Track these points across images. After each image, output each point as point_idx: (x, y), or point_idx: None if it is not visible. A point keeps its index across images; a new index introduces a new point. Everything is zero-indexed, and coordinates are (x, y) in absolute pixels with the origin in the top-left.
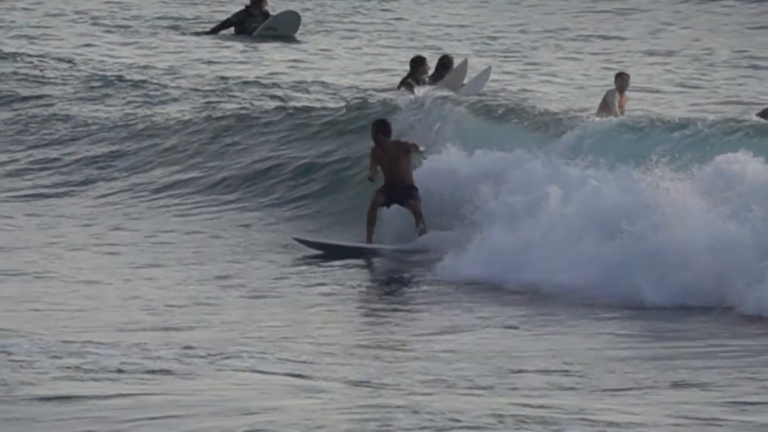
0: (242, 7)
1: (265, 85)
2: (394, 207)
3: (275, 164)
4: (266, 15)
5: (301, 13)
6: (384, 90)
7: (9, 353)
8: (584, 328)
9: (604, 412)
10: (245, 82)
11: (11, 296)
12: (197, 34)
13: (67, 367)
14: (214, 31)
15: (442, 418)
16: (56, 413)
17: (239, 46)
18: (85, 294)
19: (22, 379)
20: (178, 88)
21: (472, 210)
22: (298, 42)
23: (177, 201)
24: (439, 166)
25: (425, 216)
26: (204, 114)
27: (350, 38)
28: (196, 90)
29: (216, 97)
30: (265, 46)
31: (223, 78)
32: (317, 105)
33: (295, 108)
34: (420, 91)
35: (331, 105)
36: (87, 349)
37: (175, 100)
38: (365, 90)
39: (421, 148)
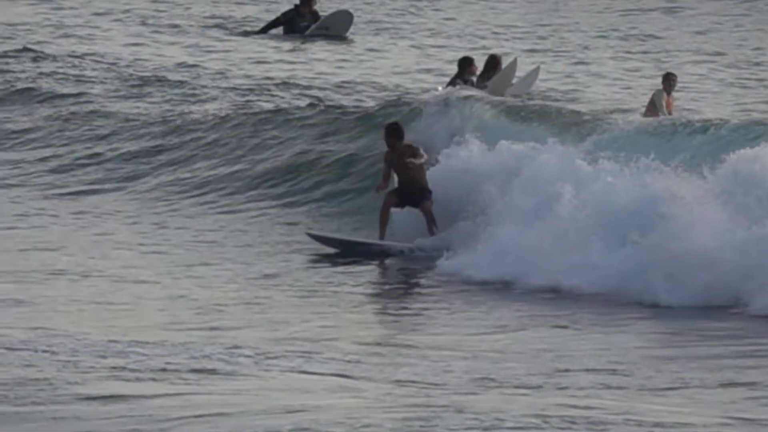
0: (291, 6)
1: (311, 84)
2: (407, 208)
3: (316, 159)
4: (315, 14)
5: (353, 13)
6: (429, 91)
7: (54, 352)
8: (630, 327)
9: (650, 412)
10: (291, 82)
11: (57, 295)
12: (246, 33)
13: (113, 367)
14: (263, 31)
15: (486, 418)
16: (101, 412)
17: (288, 45)
18: (130, 293)
19: (67, 378)
20: (221, 87)
21: (482, 209)
22: (348, 41)
23: (220, 197)
24: (457, 165)
25: (437, 217)
26: (246, 111)
27: (400, 38)
28: (240, 89)
29: (257, 95)
30: (314, 46)
31: (268, 77)
32: (359, 103)
33: (334, 105)
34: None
35: (371, 104)
36: (132, 348)
37: (215, 98)
38: (411, 90)
39: (421, 160)
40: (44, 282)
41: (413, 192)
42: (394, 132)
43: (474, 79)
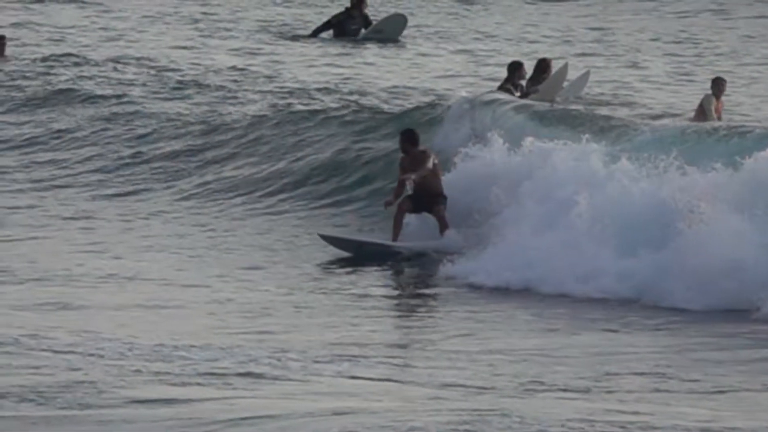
0: (342, 9)
1: (358, 88)
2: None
3: (356, 157)
4: (365, 17)
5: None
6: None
7: (101, 356)
8: (678, 331)
9: (698, 417)
10: (337, 85)
11: (105, 299)
12: (296, 37)
13: (160, 370)
14: (314, 34)
15: (532, 422)
16: (148, 416)
17: (337, 48)
18: (178, 296)
19: (113, 381)
20: (264, 90)
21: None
22: (399, 45)
23: (265, 197)
24: (476, 165)
25: (452, 220)
26: (286, 111)
27: (450, 42)
28: (283, 91)
29: (297, 98)
30: (363, 49)
31: (315, 80)
32: (402, 106)
33: (373, 107)
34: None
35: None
36: (180, 352)
37: (257, 100)
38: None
39: (413, 176)
40: (92, 285)
41: (428, 198)
42: (407, 138)
43: (523, 83)
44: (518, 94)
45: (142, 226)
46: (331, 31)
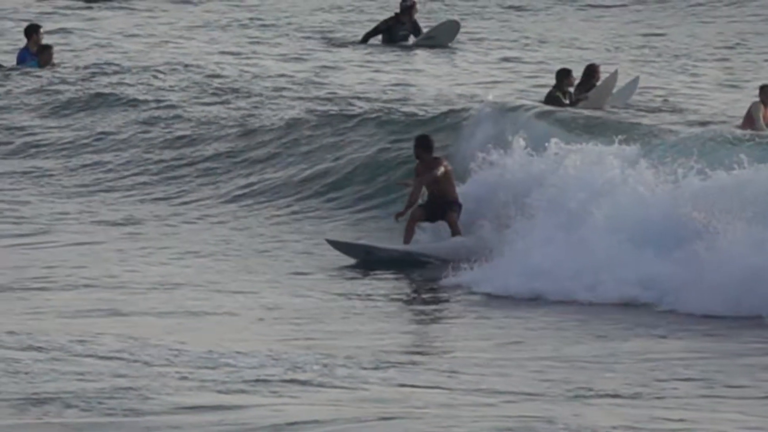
0: (391, 14)
1: (402, 94)
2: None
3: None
4: (414, 23)
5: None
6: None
7: (147, 363)
8: (723, 337)
9: (746, 423)
10: (379, 90)
11: (152, 305)
12: (344, 43)
13: (206, 377)
14: (364, 40)
15: (577, 428)
16: (194, 422)
17: (386, 54)
18: (225, 303)
19: (159, 388)
20: (304, 96)
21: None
22: (447, 51)
23: (307, 200)
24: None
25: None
26: (327, 115)
27: (500, 48)
28: (322, 97)
29: (336, 104)
30: (411, 55)
31: (358, 85)
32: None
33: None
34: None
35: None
36: (226, 358)
37: (296, 106)
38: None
39: (408, 181)
40: (140, 291)
41: (441, 205)
42: (420, 144)
43: (572, 90)
44: (567, 101)
45: (187, 230)
46: (379, 37)
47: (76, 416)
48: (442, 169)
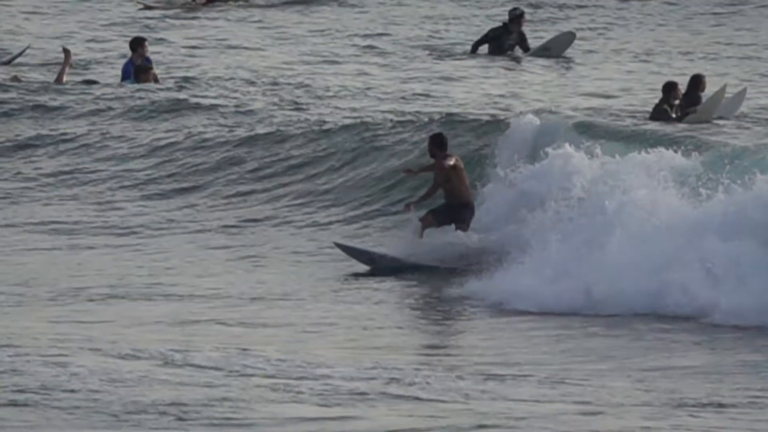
0: (500, 24)
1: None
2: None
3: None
4: (522, 34)
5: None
6: (633, 113)
7: (244, 373)
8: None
9: None
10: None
11: (251, 316)
12: (452, 54)
13: (302, 389)
14: (473, 49)
15: None
16: None
17: (493, 64)
18: (315, 314)
19: (254, 399)
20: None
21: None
22: (559, 61)
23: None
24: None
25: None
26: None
27: (610, 59)
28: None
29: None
30: (518, 65)
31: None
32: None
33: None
34: None
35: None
36: (322, 369)
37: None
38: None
39: (413, 168)
40: (241, 302)
41: (453, 206)
42: (434, 142)
43: (678, 102)
44: (674, 114)
45: (282, 237)
46: (486, 47)
47: (171, 425)
48: (453, 161)
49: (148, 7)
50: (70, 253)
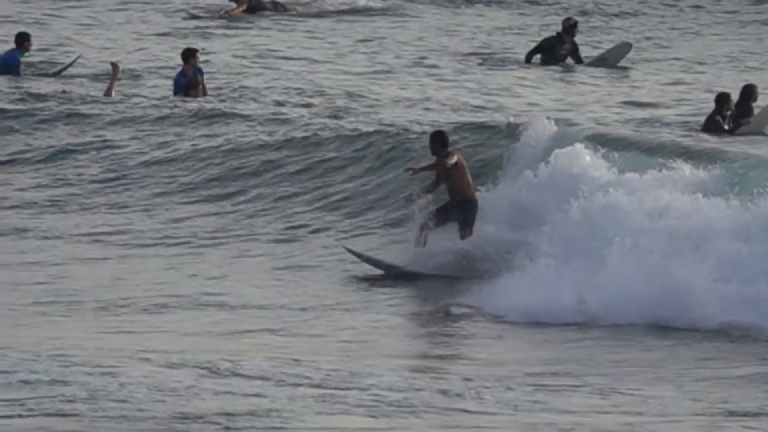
0: (553, 33)
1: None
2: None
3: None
4: (574, 44)
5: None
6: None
7: (292, 383)
8: None
9: None
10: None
11: (302, 326)
12: (505, 63)
13: (348, 399)
14: (527, 59)
15: None
16: None
17: (546, 73)
18: (364, 323)
19: (299, 410)
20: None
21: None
22: (613, 72)
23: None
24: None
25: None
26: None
27: (664, 71)
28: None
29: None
30: (569, 75)
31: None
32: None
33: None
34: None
35: None
36: (370, 380)
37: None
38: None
39: (415, 167)
40: (292, 313)
41: (457, 202)
42: (435, 139)
43: (730, 113)
44: (727, 126)
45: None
46: (538, 56)
47: None
48: (454, 159)
49: (195, 17)
50: (120, 262)
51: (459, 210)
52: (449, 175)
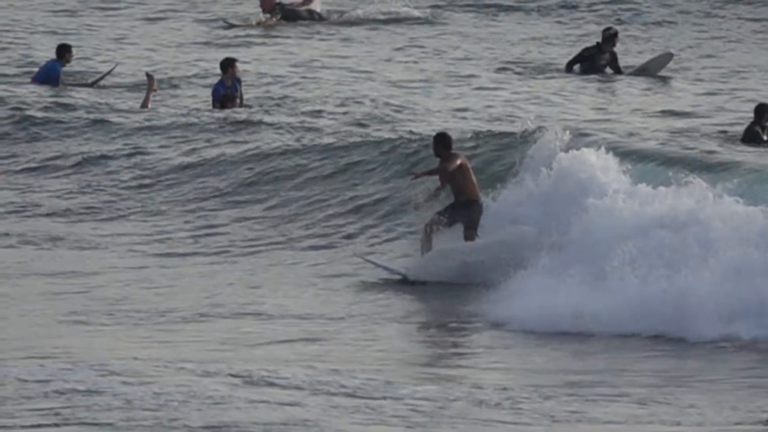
0: (593, 44)
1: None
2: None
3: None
4: (613, 54)
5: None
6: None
7: (325, 392)
8: None
9: None
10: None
11: (340, 334)
12: (545, 72)
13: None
14: (568, 68)
15: None
16: None
17: (584, 83)
18: (395, 331)
19: (330, 420)
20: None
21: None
22: (653, 81)
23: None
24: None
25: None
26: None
27: (704, 80)
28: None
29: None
30: (607, 85)
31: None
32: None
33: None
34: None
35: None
36: (404, 389)
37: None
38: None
39: (417, 171)
40: (329, 322)
41: (461, 203)
42: (439, 141)
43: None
44: (766, 137)
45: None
46: (578, 66)
47: None
48: (458, 161)
49: (232, 26)
50: (156, 272)
51: (464, 211)
52: (452, 176)
